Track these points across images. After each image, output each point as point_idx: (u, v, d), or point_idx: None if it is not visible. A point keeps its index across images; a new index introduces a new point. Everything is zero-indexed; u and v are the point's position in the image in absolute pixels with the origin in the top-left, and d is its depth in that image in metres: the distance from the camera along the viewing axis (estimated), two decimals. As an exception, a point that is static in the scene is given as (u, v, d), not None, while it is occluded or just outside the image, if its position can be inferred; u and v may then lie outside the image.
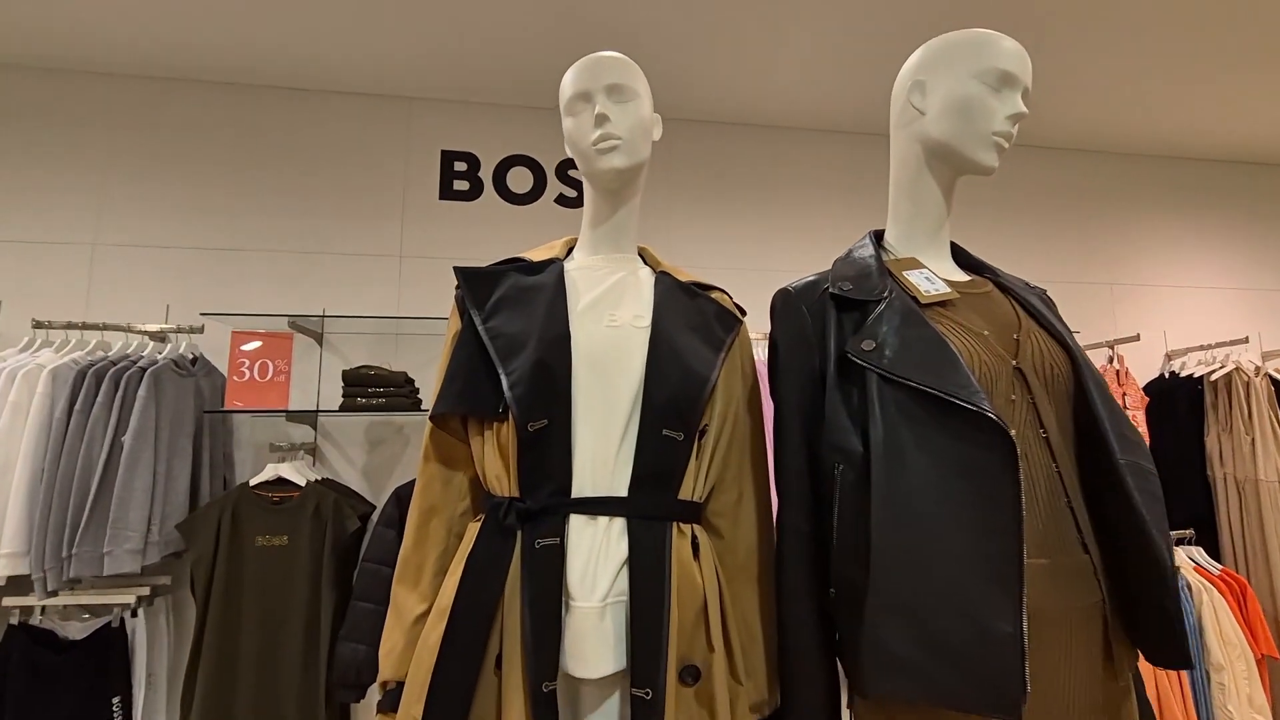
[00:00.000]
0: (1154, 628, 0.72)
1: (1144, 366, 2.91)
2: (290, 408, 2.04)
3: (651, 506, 0.77)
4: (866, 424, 0.74)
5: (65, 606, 1.85)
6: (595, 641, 0.72)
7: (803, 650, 0.78)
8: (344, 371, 2.10)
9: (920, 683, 0.66)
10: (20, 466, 1.75)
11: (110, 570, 1.75)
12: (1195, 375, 2.73)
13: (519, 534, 0.75)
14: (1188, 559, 2.43)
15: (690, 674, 0.73)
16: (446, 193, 2.51)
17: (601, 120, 0.86)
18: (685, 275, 0.95)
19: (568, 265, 0.92)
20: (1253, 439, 2.56)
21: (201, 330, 2.09)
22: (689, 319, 0.87)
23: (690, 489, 0.81)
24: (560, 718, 0.71)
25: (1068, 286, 2.93)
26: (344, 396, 2.08)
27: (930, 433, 0.71)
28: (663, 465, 0.78)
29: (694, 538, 0.80)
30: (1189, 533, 2.53)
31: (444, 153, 2.52)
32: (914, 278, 0.83)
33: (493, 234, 2.50)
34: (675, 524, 0.78)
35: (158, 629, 1.96)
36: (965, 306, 0.83)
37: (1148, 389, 2.81)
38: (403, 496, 2.00)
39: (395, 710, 0.79)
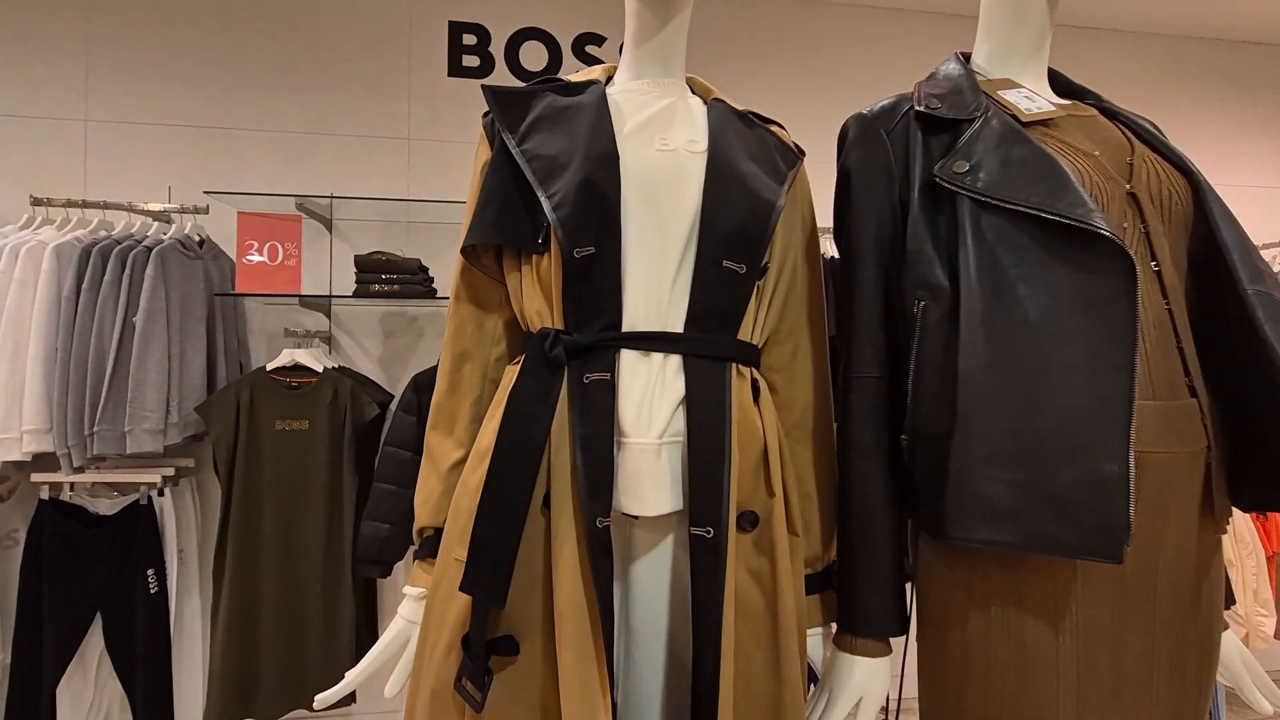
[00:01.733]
0: (1264, 458, 0.68)
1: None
2: (302, 293, 1.99)
3: (710, 345, 0.72)
4: (955, 256, 0.67)
5: (93, 485, 1.87)
6: (652, 478, 0.68)
7: (871, 509, 0.75)
8: (357, 257, 2.03)
9: (1018, 530, 0.63)
10: (33, 345, 1.73)
11: (132, 449, 1.75)
12: (1236, 278, 2.63)
13: (565, 369, 0.70)
14: (1208, 461, 2.42)
15: (749, 520, 0.70)
16: (455, 69, 2.34)
17: None
18: (740, 105, 0.85)
19: (610, 89, 0.82)
20: (1289, 343, 2.49)
21: (206, 210, 2.00)
22: (749, 148, 0.78)
23: (749, 330, 0.76)
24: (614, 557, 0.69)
25: (1110, 183, 2.77)
26: (357, 283, 2.02)
27: (1037, 261, 0.64)
28: (722, 301, 0.72)
29: (754, 381, 0.76)
30: (1211, 436, 2.50)
31: (451, 24, 2.34)
32: (1011, 96, 0.73)
33: (505, 115, 2.35)
34: (735, 365, 0.73)
35: (185, 508, 1.99)
36: (1070, 127, 0.74)
37: (1184, 292, 2.71)
38: (421, 384, 1.97)
39: (434, 557, 0.78)
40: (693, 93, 0.87)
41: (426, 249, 2.26)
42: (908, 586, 0.76)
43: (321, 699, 0.80)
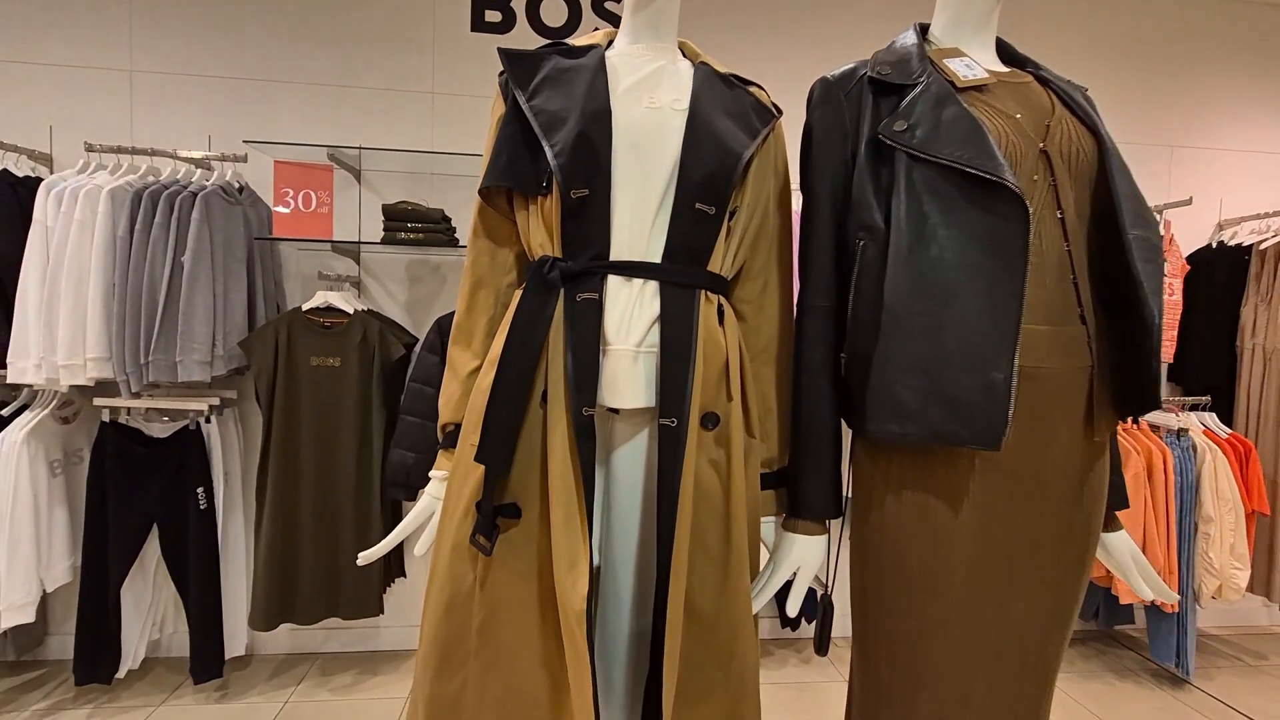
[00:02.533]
0: (1135, 377, 0.80)
1: (1195, 235, 2.82)
2: (334, 239, 2.13)
3: (682, 274, 0.84)
4: (891, 202, 0.78)
5: (146, 410, 2.06)
6: (629, 379, 0.82)
7: (815, 416, 0.88)
8: (384, 206, 2.15)
9: (921, 425, 0.76)
10: (93, 280, 1.89)
11: (183, 377, 1.92)
12: (1244, 244, 2.65)
13: (561, 290, 0.82)
14: (1199, 423, 2.49)
15: (710, 420, 0.83)
16: (478, 24, 2.41)
17: None
18: (724, 68, 0.95)
19: (609, 53, 0.92)
20: (1291, 310, 2.52)
21: (245, 159, 2.13)
22: (726, 106, 0.88)
23: (719, 264, 0.87)
24: (597, 445, 0.83)
25: (1125, 148, 2.76)
26: (385, 231, 2.15)
27: (956, 208, 0.75)
28: (694, 238, 0.84)
29: (720, 307, 0.88)
30: (1205, 399, 2.57)
31: (474, -22, 2.40)
32: (954, 64, 0.83)
33: (526, 71, 2.42)
34: (704, 292, 0.85)
35: (229, 434, 2.18)
36: (1002, 92, 0.84)
37: (1191, 258, 2.74)
38: (443, 326, 2.12)
39: (454, 447, 0.92)
40: (683, 55, 0.97)
41: (450, 200, 2.37)
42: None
43: (364, 556, 0.96)
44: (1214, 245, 2.76)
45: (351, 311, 2.12)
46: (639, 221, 0.83)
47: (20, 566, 1.88)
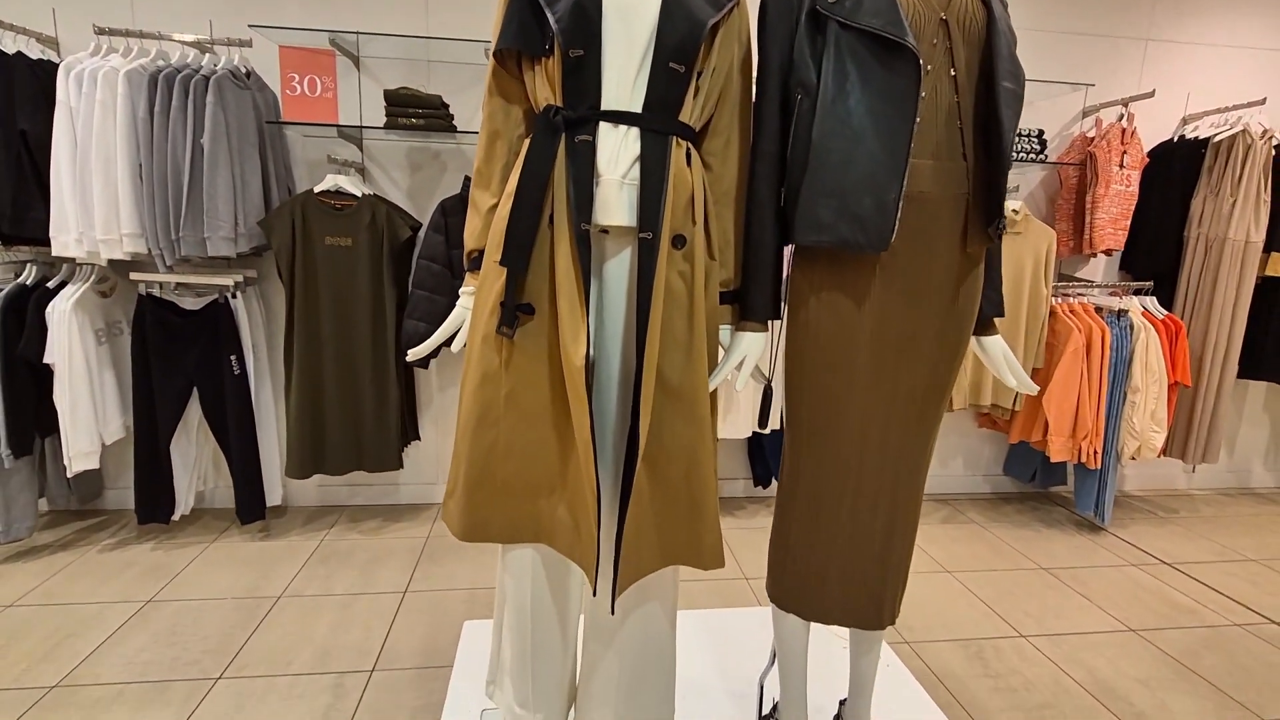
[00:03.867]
0: (992, 198, 1.03)
1: (1161, 129, 2.95)
2: (340, 123, 2.25)
3: (659, 123, 1.03)
4: (822, 63, 0.96)
5: (176, 285, 2.25)
6: (616, 202, 1.03)
7: (761, 240, 1.10)
8: (386, 91, 2.26)
9: (832, 234, 0.99)
10: (120, 160, 2.03)
11: (212, 252, 2.10)
12: (1203, 138, 2.79)
13: (563, 134, 1.02)
14: (1139, 305, 2.73)
15: (679, 241, 1.05)
16: (469, -96, 2.42)
17: None
18: None
19: None
20: (1235, 201, 2.71)
21: (250, 44, 2.22)
22: None
23: (688, 115, 1.07)
24: (592, 258, 1.05)
25: (1100, 41, 2.86)
26: (388, 116, 2.26)
27: (870, 67, 0.95)
28: (668, 92, 1.03)
29: (689, 151, 1.08)
30: (1148, 284, 2.80)
31: None
32: None
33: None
34: (675, 138, 1.04)
35: (253, 310, 2.38)
36: None
37: (1153, 152, 2.89)
38: (447, 207, 2.28)
39: (478, 269, 1.14)
40: None
41: (446, 87, 2.47)
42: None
43: (413, 352, 1.20)
44: (1176, 139, 2.90)
45: (360, 195, 2.27)
46: (624, 78, 1.02)
47: (82, 419, 2.13)
